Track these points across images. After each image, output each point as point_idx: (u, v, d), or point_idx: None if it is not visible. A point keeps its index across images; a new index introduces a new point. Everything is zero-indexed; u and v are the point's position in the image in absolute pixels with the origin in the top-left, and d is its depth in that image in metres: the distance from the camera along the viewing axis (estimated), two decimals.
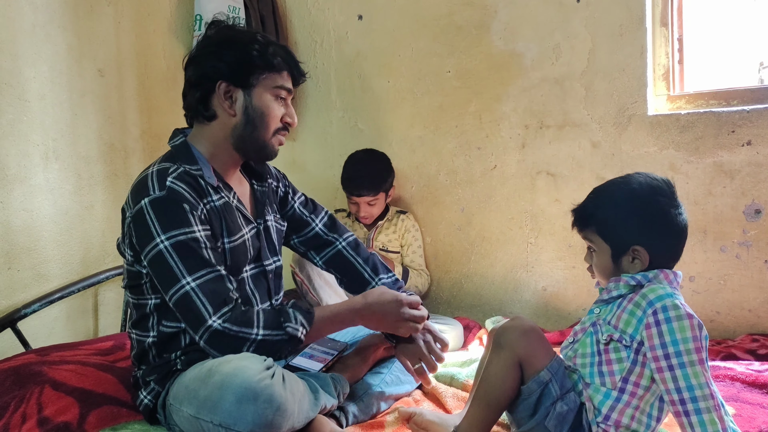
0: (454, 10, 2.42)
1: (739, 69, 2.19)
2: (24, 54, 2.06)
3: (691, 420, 1.11)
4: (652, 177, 1.27)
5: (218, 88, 1.48)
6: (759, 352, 1.83)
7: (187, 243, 1.37)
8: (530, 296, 2.38)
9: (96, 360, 1.73)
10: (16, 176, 2.04)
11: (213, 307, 1.35)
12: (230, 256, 1.49)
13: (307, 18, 2.76)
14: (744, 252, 2.01)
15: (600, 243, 1.27)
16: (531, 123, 2.32)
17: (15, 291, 2.04)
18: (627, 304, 1.21)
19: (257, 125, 1.52)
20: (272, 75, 1.52)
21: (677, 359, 1.13)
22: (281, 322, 1.39)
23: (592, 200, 1.30)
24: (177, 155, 1.50)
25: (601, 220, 1.27)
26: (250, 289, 1.57)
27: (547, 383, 1.22)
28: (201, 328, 1.35)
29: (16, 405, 1.49)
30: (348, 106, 2.71)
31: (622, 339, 1.19)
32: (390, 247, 2.48)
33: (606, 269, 1.28)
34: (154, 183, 1.41)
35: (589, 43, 2.18)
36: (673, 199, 1.25)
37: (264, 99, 1.52)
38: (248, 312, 1.38)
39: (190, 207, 1.40)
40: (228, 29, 1.56)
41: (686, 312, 1.15)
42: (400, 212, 2.55)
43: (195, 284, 1.35)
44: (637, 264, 1.24)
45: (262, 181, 1.69)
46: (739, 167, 1.99)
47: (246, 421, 1.23)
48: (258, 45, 1.50)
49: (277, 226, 1.70)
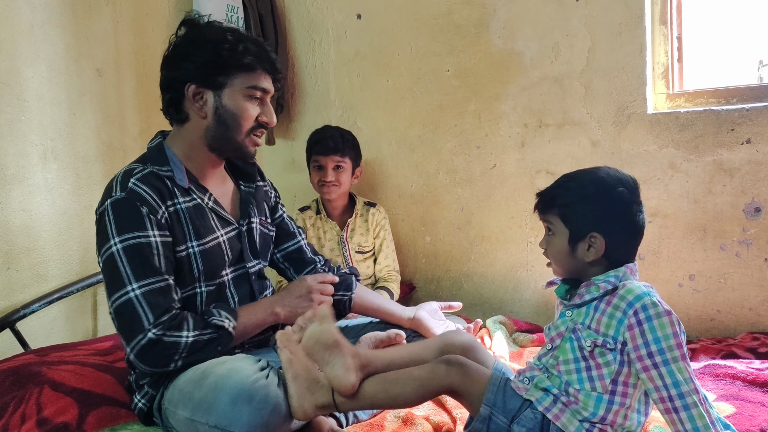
0: (453, 8, 2.42)
1: (739, 67, 2.19)
2: (22, 53, 2.06)
3: (681, 416, 1.11)
4: (620, 172, 1.28)
5: (187, 90, 1.47)
6: (759, 350, 1.83)
7: (138, 247, 1.36)
8: (530, 295, 2.38)
9: (95, 360, 1.73)
10: (15, 176, 2.04)
11: (153, 317, 1.33)
12: (202, 260, 1.47)
13: (305, 17, 2.75)
14: (744, 250, 2.01)
15: (559, 226, 1.27)
16: (530, 122, 2.32)
17: (14, 291, 2.04)
18: (606, 307, 1.21)
19: (229, 125, 1.50)
20: (244, 75, 1.48)
21: (661, 357, 1.13)
22: (207, 320, 1.40)
23: (559, 184, 1.30)
24: (149, 157, 1.49)
25: (564, 203, 1.27)
26: (230, 292, 1.56)
27: (489, 417, 1.23)
28: (137, 337, 1.32)
29: (16, 405, 1.49)
30: (347, 105, 2.71)
31: (606, 343, 1.18)
32: (365, 247, 2.44)
33: (561, 254, 1.28)
34: (118, 184, 1.41)
35: (589, 41, 2.18)
36: (636, 196, 1.25)
37: (235, 99, 1.49)
38: (179, 317, 1.37)
39: (149, 209, 1.38)
40: (198, 28, 1.51)
41: (664, 309, 1.15)
42: (369, 204, 2.50)
43: (139, 292, 1.34)
44: (592, 252, 1.24)
45: (251, 181, 1.66)
46: (738, 165, 1.99)
47: (241, 422, 1.23)
48: (228, 44, 1.45)
49: (262, 229, 1.67)
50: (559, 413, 1.21)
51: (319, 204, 2.47)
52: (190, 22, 1.53)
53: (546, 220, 1.30)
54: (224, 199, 1.59)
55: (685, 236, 2.08)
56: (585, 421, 1.20)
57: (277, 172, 2.84)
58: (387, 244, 2.47)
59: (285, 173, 2.87)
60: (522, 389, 1.26)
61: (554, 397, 1.23)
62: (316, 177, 2.38)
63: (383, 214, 2.50)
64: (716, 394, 1.53)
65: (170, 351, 1.34)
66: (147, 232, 1.37)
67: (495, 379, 1.27)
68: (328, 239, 2.43)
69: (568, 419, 1.20)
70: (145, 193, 1.39)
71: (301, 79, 2.80)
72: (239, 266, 1.59)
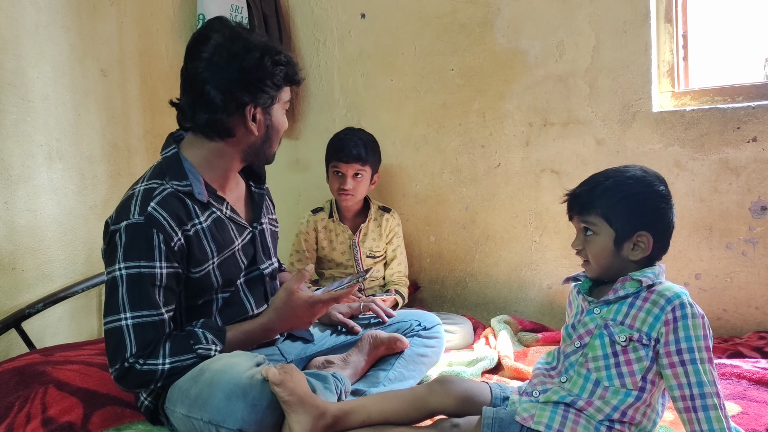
0: (457, 7, 2.42)
1: (745, 65, 2.17)
2: (27, 54, 2.06)
3: (699, 416, 1.11)
4: (651, 169, 1.29)
5: (248, 112, 1.44)
6: (766, 349, 1.82)
7: (140, 277, 1.35)
8: (535, 295, 2.37)
9: (100, 360, 1.73)
10: (20, 176, 2.04)
11: (136, 349, 1.33)
12: (220, 273, 1.47)
13: (309, 17, 2.75)
14: (750, 249, 1.99)
15: (603, 227, 1.26)
16: (535, 120, 2.31)
17: (19, 291, 2.04)
18: (643, 303, 1.20)
19: (273, 140, 1.53)
20: (285, 89, 1.52)
21: (690, 355, 1.14)
22: (191, 345, 1.38)
23: (595, 185, 1.29)
24: (167, 169, 1.45)
25: (608, 203, 1.25)
26: (245, 296, 1.56)
27: None
28: (117, 363, 1.34)
29: (21, 405, 1.50)
30: (351, 104, 2.70)
31: (641, 338, 1.19)
32: (377, 252, 2.41)
33: (604, 254, 1.26)
34: (137, 206, 1.38)
35: (593, 39, 2.17)
36: (669, 193, 1.27)
37: (279, 114, 1.52)
38: (156, 345, 1.36)
39: (165, 237, 1.36)
40: (241, 38, 1.43)
41: (699, 311, 1.17)
42: (384, 209, 2.46)
43: (131, 322, 1.34)
44: (638, 251, 1.24)
45: (261, 183, 1.67)
46: (744, 164, 1.98)
47: (235, 418, 1.23)
48: (283, 65, 1.46)
49: (272, 229, 1.69)
50: (574, 426, 1.19)
51: (333, 206, 2.43)
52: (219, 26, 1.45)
53: (585, 221, 1.28)
54: (239, 204, 1.59)
55: (691, 235, 2.07)
56: (604, 421, 1.18)
57: (281, 171, 2.84)
58: (400, 251, 2.44)
59: (289, 173, 2.87)
60: (528, 419, 1.22)
61: (565, 408, 1.21)
62: (335, 183, 2.32)
63: (397, 220, 2.46)
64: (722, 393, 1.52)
65: (146, 378, 1.34)
66: (153, 263, 1.35)
67: (486, 419, 1.24)
68: (340, 242, 2.40)
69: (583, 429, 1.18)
70: (163, 219, 1.37)
71: (305, 79, 2.80)
72: (253, 269, 1.59)
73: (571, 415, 1.20)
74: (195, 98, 1.43)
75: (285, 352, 1.64)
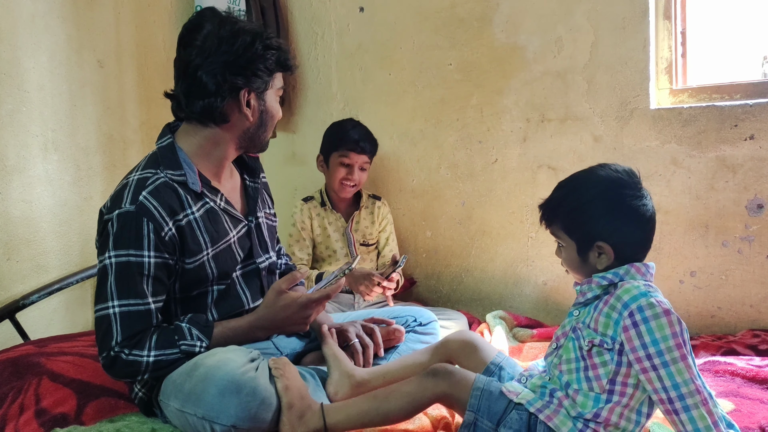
0: (456, 2, 2.41)
1: (743, 63, 2.17)
2: (23, 44, 2.05)
3: (681, 418, 1.10)
4: (614, 169, 1.25)
5: (242, 96, 1.45)
6: (760, 347, 1.83)
7: (128, 265, 1.35)
8: (530, 290, 2.38)
9: (94, 351, 1.71)
10: (15, 167, 2.04)
11: (122, 337, 1.33)
12: (215, 265, 1.47)
13: (308, 10, 2.74)
14: (746, 247, 2.00)
15: (566, 239, 1.26)
16: (532, 116, 2.31)
17: (14, 282, 2.04)
18: (603, 307, 1.19)
19: (267, 126, 1.53)
20: (278, 76, 1.52)
21: (659, 359, 1.11)
22: (175, 341, 1.37)
23: (555, 196, 1.29)
24: (161, 158, 1.46)
25: (565, 215, 1.25)
26: (241, 289, 1.56)
27: (474, 422, 1.22)
28: (104, 351, 1.34)
29: (14, 396, 1.49)
30: (349, 98, 2.70)
31: (603, 343, 1.17)
32: (370, 240, 2.44)
33: (574, 264, 1.27)
34: (129, 195, 1.38)
35: (592, 36, 2.16)
36: (636, 189, 1.23)
37: (273, 101, 1.52)
38: (143, 335, 1.36)
39: (155, 226, 1.36)
40: (232, 24, 1.45)
41: (662, 309, 1.13)
42: (374, 198, 2.49)
43: (118, 310, 1.34)
44: (604, 259, 1.22)
45: (255, 177, 1.66)
46: (741, 162, 1.98)
47: (229, 414, 1.23)
48: (274, 50, 1.46)
49: (268, 223, 1.68)
50: (552, 414, 1.20)
51: (324, 195, 2.43)
52: (211, 14, 1.46)
53: (553, 233, 1.29)
54: (233, 195, 1.59)
55: (687, 232, 2.07)
56: (578, 418, 1.19)
57: (278, 165, 2.83)
58: (392, 237, 2.48)
59: (286, 166, 2.86)
60: (513, 393, 1.24)
61: (549, 395, 1.22)
62: (340, 173, 2.31)
63: (388, 207, 2.50)
64: (716, 390, 1.53)
65: (132, 368, 1.34)
66: (142, 252, 1.35)
67: (479, 383, 1.26)
68: (333, 230, 2.42)
69: (561, 420, 1.19)
70: (153, 209, 1.37)
71: (303, 72, 2.79)
72: (249, 262, 1.58)
73: (552, 405, 1.21)
74: (189, 85, 1.44)
75: (280, 347, 1.64)
